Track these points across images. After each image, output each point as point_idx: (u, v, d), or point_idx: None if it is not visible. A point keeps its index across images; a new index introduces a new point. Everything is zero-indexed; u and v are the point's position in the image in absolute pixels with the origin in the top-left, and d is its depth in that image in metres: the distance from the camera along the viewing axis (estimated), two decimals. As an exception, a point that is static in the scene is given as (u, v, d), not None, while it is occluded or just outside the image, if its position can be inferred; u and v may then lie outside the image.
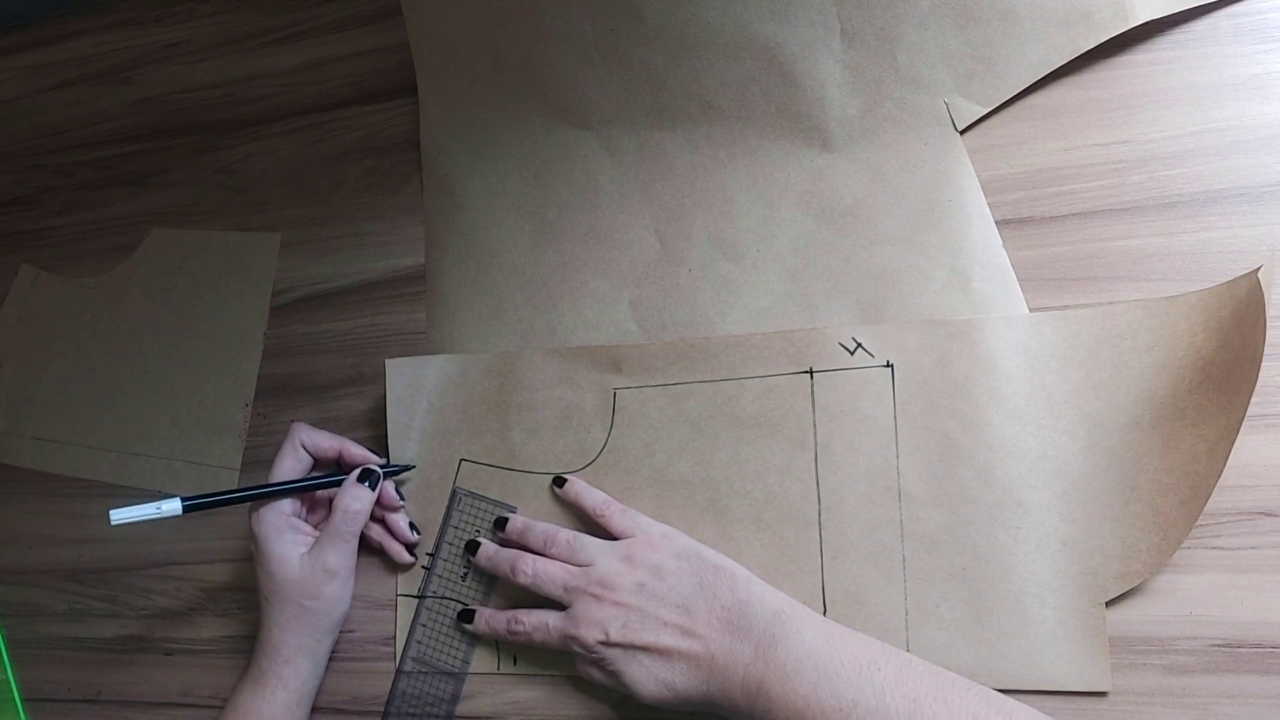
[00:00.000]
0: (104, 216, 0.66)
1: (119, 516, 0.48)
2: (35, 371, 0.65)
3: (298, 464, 0.52)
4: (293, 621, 0.50)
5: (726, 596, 0.44)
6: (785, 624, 0.42)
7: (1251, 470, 0.44)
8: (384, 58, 0.60)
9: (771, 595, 0.44)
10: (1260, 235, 0.44)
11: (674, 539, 0.47)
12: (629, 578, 0.46)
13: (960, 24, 0.48)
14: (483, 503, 0.53)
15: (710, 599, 0.44)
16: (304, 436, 0.52)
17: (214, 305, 0.61)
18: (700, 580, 0.45)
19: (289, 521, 0.51)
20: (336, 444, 0.53)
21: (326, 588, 0.50)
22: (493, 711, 0.52)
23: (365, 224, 0.59)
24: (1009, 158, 0.48)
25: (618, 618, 0.45)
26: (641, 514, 0.49)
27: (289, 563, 0.50)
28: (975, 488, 0.46)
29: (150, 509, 0.48)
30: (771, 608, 0.43)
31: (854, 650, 0.41)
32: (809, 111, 0.50)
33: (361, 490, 0.51)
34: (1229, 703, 0.43)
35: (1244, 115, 0.45)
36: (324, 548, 0.50)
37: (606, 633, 0.45)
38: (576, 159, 0.54)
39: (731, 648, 0.43)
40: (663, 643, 0.44)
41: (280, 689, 0.50)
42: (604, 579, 0.46)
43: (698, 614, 0.44)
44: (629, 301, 0.53)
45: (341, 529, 0.50)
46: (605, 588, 0.46)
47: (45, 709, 0.62)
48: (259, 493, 0.51)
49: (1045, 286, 0.47)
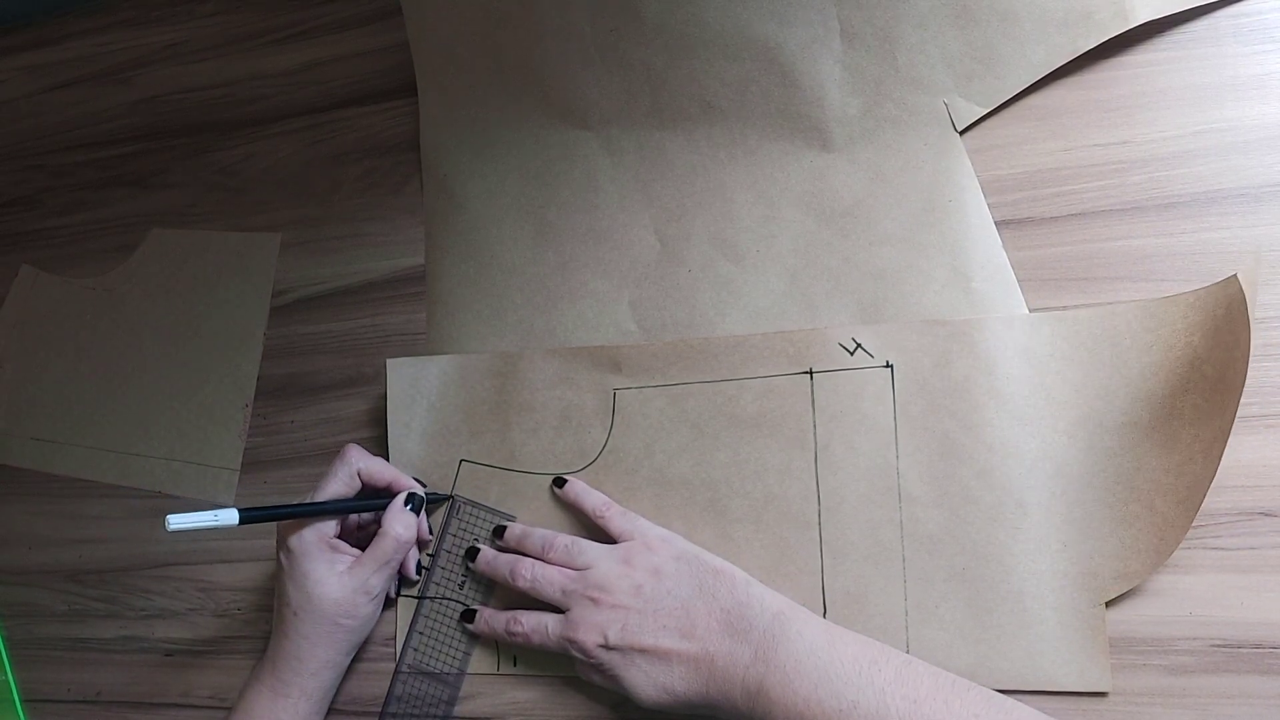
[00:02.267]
0: (104, 217, 0.66)
1: (176, 522, 0.46)
2: (35, 372, 0.65)
3: (347, 489, 0.51)
4: (325, 638, 0.50)
5: (726, 599, 0.44)
6: (785, 625, 0.42)
7: (1251, 470, 0.44)
8: (384, 58, 0.60)
9: (771, 597, 0.44)
10: (1260, 235, 0.44)
11: (673, 542, 0.47)
12: (627, 580, 0.46)
13: (960, 24, 0.48)
14: (481, 511, 0.53)
15: (709, 601, 0.44)
16: (361, 464, 0.52)
17: (214, 305, 0.61)
18: (699, 583, 0.45)
19: (330, 542, 0.51)
20: (390, 475, 0.52)
21: (365, 608, 0.50)
22: (492, 712, 0.52)
23: (365, 224, 0.59)
24: (1009, 158, 0.48)
25: (616, 621, 0.45)
26: (641, 516, 0.49)
27: (327, 582, 0.49)
28: (975, 488, 0.46)
29: (207, 517, 0.47)
30: (771, 609, 0.43)
31: (854, 651, 0.41)
32: (809, 112, 0.50)
33: (410, 517, 0.51)
34: (1229, 703, 0.43)
35: (1244, 115, 0.45)
36: (367, 570, 0.50)
37: (605, 636, 0.45)
38: (576, 159, 0.54)
39: (731, 650, 0.43)
40: (661, 645, 0.44)
41: (304, 700, 0.50)
42: (602, 582, 0.46)
43: (697, 616, 0.44)
44: (629, 302, 0.53)
45: (389, 553, 0.50)
46: (603, 591, 0.46)
47: (45, 709, 0.62)
48: (313, 509, 0.51)
49: (1045, 287, 0.47)
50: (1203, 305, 0.43)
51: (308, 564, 0.50)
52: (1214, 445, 0.41)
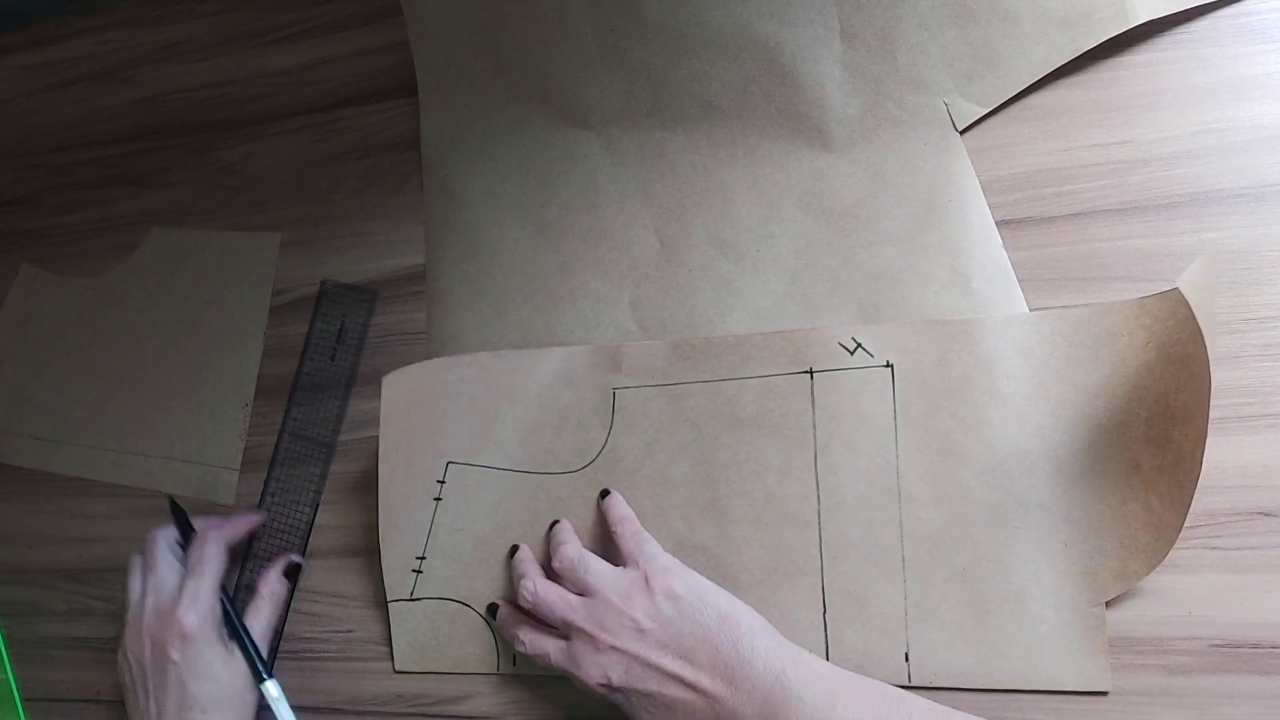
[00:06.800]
0: (104, 216, 0.66)
1: None
2: (35, 371, 0.65)
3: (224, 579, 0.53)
4: None
5: (729, 651, 0.42)
6: (787, 689, 0.41)
7: (1251, 470, 0.44)
8: (384, 58, 0.60)
9: (775, 652, 0.42)
10: (1260, 235, 0.45)
11: (678, 576, 0.45)
12: (628, 620, 0.44)
13: (960, 24, 0.48)
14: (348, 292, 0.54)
15: (713, 652, 0.43)
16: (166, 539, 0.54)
17: (214, 305, 0.61)
18: (703, 630, 0.43)
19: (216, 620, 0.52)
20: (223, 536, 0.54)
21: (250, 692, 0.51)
22: (492, 712, 0.52)
23: (365, 224, 0.59)
24: (1009, 158, 0.48)
25: (618, 665, 0.44)
26: (652, 540, 0.48)
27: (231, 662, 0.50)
28: (975, 488, 0.46)
29: None
30: (774, 669, 0.41)
31: (856, 713, 0.40)
32: (809, 112, 0.50)
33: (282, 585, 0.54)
34: (1229, 703, 0.43)
35: (1244, 115, 0.45)
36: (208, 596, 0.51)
37: (609, 678, 0.44)
38: (577, 159, 0.54)
39: (735, 703, 0.41)
40: (666, 693, 0.43)
41: None
42: (602, 619, 0.45)
43: (700, 666, 0.42)
44: (629, 301, 0.53)
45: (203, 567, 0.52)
46: (604, 630, 0.44)
47: (45, 709, 0.62)
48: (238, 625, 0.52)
49: (1045, 286, 0.47)
50: (1196, 302, 0.43)
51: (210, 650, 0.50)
52: (1199, 443, 0.41)
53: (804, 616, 0.47)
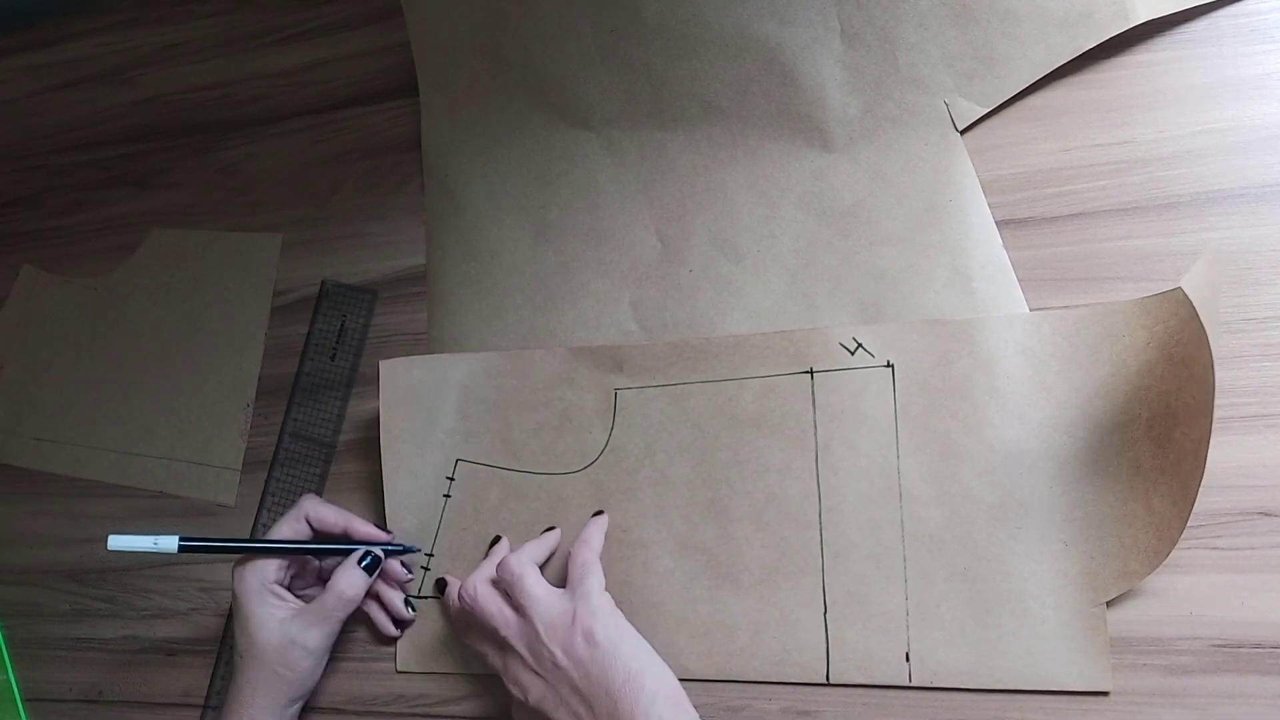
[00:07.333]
0: (104, 217, 0.66)
1: (117, 543, 0.49)
2: (36, 372, 0.65)
3: (293, 533, 0.52)
4: (265, 684, 0.49)
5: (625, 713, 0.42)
6: None
7: (1251, 470, 0.44)
8: (384, 58, 0.60)
9: None
10: (1260, 235, 0.45)
11: (602, 621, 0.45)
12: (549, 651, 0.45)
13: (960, 24, 0.48)
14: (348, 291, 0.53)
15: (611, 707, 0.43)
16: (310, 509, 0.52)
17: (215, 305, 0.62)
18: (608, 683, 0.43)
19: (270, 587, 0.50)
20: (343, 520, 0.52)
21: (303, 662, 0.50)
22: (494, 712, 0.52)
23: (366, 224, 0.59)
24: (1009, 158, 0.48)
25: (536, 688, 0.45)
26: (598, 574, 0.47)
27: (267, 627, 0.49)
28: (976, 488, 0.46)
29: (147, 541, 0.49)
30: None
31: None
32: (809, 112, 0.50)
33: (358, 576, 0.50)
34: (1229, 703, 0.43)
35: (1244, 115, 0.45)
36: (307, 624, 0.50)
37: (527, 696, 0.45)
38: (577, 159, 0.54)
39: None
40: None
41: None
42: (530, 643, 0.45)
43: (599, 717, 0.43)
44: (630, 302, 0.53)
45: (330, 610, 0.50)
46: (530, 654, 0.45)
47: (46, 709, 0.62)
48: (255, 547, 0.51)
49: (1045, 286, 0.47)
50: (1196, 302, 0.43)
51: (249, 606, 0.50)
52: (1202, 443, 0.41)
53: (805, 616, 0.47)
